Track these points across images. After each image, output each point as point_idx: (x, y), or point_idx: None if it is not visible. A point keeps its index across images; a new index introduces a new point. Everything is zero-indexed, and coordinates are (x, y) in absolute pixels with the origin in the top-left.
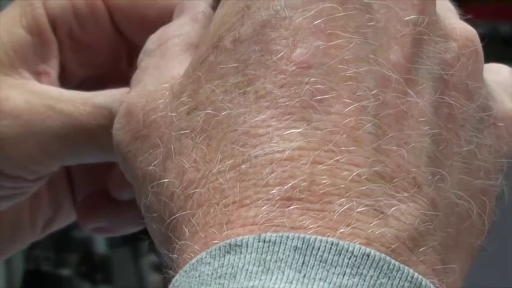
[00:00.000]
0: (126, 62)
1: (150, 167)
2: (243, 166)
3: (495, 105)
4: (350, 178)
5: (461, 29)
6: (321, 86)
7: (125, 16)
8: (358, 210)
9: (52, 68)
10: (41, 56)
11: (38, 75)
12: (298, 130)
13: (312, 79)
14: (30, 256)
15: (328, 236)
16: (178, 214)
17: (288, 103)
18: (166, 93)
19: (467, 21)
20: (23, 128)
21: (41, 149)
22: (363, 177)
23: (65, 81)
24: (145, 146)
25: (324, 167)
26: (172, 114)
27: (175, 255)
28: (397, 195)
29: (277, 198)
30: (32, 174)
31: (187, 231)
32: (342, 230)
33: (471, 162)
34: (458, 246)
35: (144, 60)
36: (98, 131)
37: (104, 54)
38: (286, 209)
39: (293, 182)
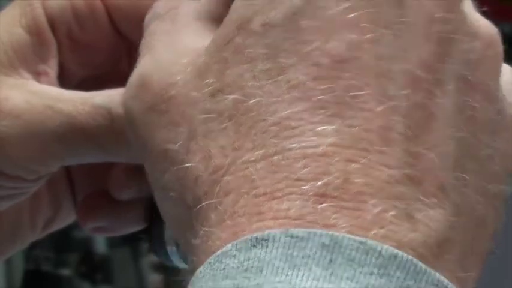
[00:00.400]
0: (125, 62)
1: (170, 145)
2: (275, 157)
3: (507, 108)
4: (382, 179)
5: (485, 28)
6: (355, 82)
7: (125, 16)
8: (391, 213)
9: (51, 68)
10: (40, 56)
11: (37, 75)
12: (332, 126)
13: (346, 74)
14: (30, 256)
15: (360, 236)
16: (205, 200)
17: (321, 97)
18: (188, 69)
19: None
20: (23, 128)
21: (41, 149)
22: (393, 179)
23: (64, 81)
24: (163, 121)
25: (358, 165)
26: (195, 94)
27: (199, 241)
28: (425, 199)
29: (310, 193)
30: (32, 174)
31: (213, 217)
32: (374, 232)
33: (488, 166)
34: (474, 252)
35: (153, 24)
36: (97, 131)
37: (103, 54)
38: (319, 206)
39: (327, 179)
